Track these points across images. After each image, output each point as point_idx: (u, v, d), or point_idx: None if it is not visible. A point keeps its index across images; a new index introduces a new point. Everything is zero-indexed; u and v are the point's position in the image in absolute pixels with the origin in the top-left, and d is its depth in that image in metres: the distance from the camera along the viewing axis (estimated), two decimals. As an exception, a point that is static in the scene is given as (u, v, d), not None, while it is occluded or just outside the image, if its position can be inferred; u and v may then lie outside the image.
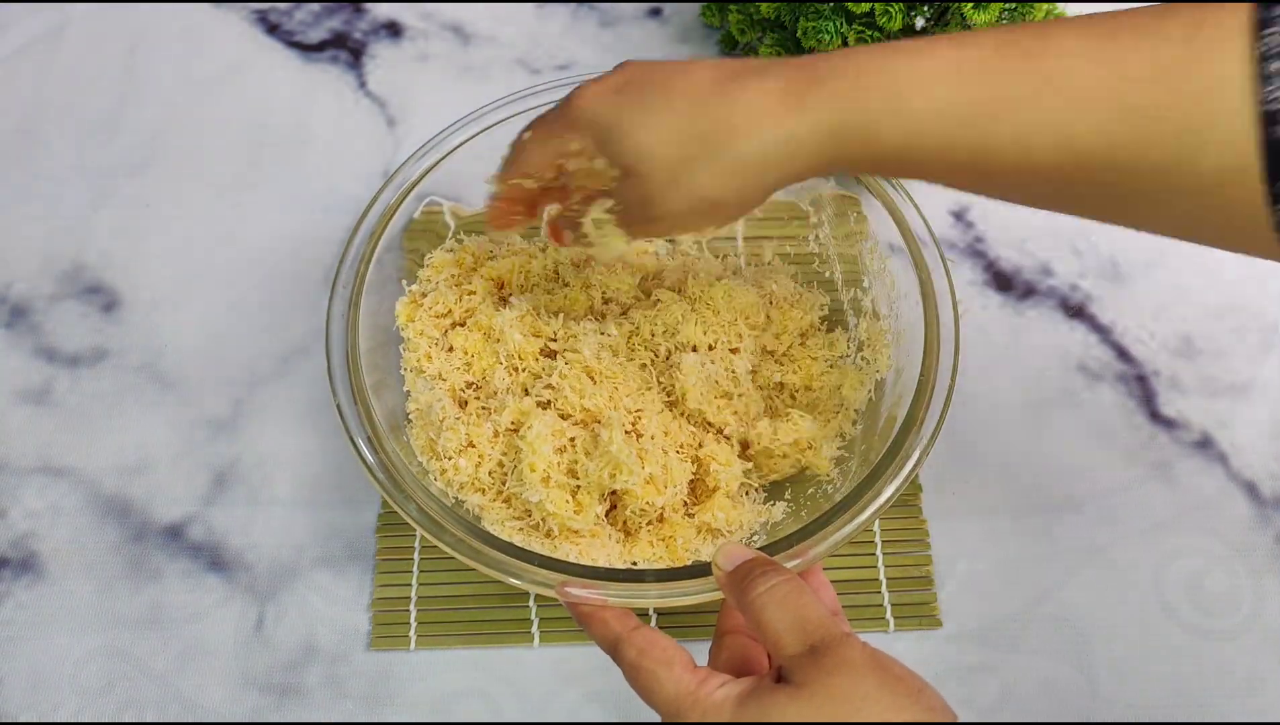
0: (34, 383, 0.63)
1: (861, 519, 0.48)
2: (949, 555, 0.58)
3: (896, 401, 0.54)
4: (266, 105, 0.75)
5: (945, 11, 0.62)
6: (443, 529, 0.48)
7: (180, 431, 0.61)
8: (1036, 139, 0.36)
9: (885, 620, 0.56)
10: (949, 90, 0.37)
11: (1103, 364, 0.64)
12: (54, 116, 0.74)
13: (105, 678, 0.54)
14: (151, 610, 0.56)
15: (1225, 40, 0.33)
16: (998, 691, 0.54)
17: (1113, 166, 0.36)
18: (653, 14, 0.79)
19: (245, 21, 0.79)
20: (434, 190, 0.59)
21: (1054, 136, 0.36)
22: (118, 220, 0.69)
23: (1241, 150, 0.33)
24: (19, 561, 0.58)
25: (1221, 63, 0.33)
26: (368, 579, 0.57)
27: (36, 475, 0.60)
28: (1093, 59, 0.35)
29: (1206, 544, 0.58)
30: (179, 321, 0.65)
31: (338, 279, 0.54)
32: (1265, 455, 0.61)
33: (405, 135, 0.73)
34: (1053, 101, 0.35)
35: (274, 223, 0.69)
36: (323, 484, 0.60)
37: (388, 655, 0.55)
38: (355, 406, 0.51)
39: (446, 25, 0.79)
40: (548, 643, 0.55)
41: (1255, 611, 0.56)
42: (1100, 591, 0.57)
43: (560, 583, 0.45)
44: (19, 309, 0.66)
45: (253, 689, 0.54)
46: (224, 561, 0.58)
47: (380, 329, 0.57)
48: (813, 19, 0.62)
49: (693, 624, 0.56)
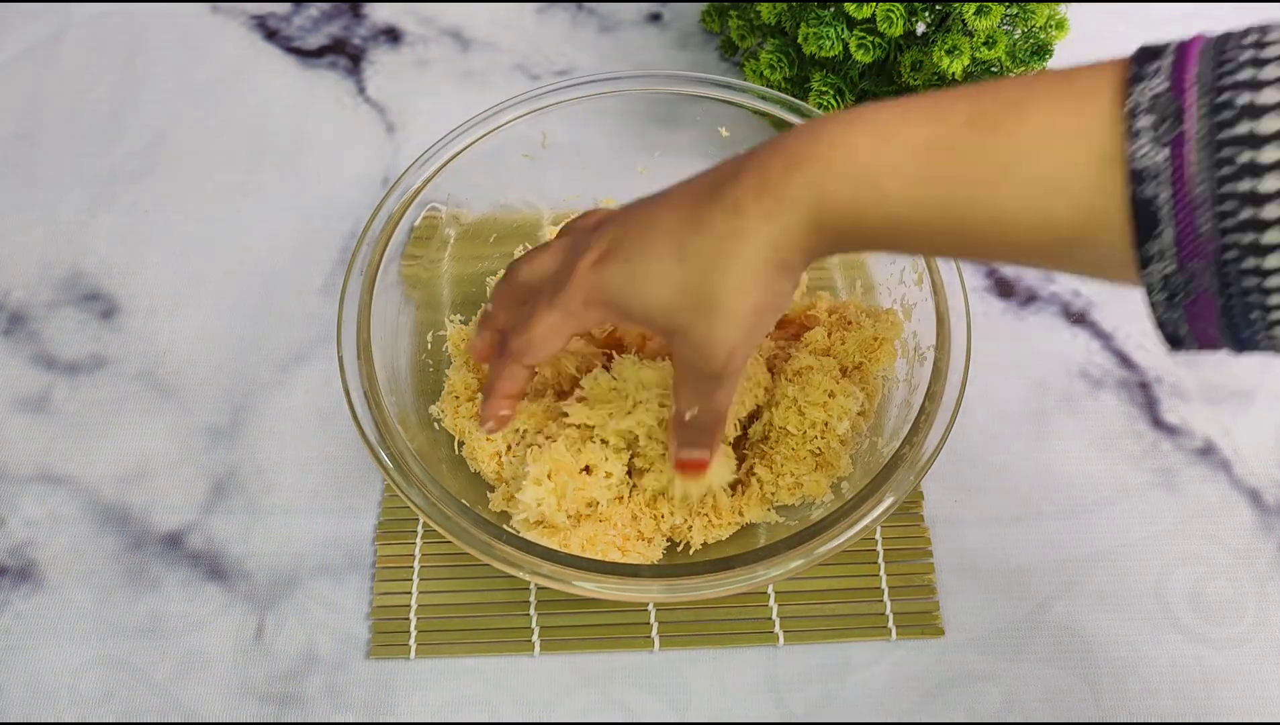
0: (32, 390, 0.63)
1: (861, 527, 0.48)
2: (951, 563, 0.57)
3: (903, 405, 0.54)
4: (265, 111, 0.74)
5: (946, 17, 0.62)
6: (446, 517, 0.48)
7: (179, 439, 0.61)
8: (1008, 212, 0.34)
9: (887, 629, 0.55)
10: (924, 170, 0.35)
11: (1105, 371, 0.64)
12: (52, 122, 0.74)
13: (104, 687, 0.54)
14: (150, 619, 0.56)
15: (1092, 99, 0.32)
16: (1000, 700, 0.54)
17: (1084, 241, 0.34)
18: (652, 19, 0.79)
19: (244, 27, 0.79)
20: (434, 196, 0.58)
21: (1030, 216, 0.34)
22: (116, 227, 0.69)
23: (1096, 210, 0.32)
24: (17, 570, 0.57)
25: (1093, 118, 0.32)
26: (367, 587, 0.57)
27: (35, 484, 0.60)
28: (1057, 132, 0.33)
29: (1209, 552, 0.58)
30: (178, 329, 0.65)
31: (346, 285, 0.54)
32: (1268, 462, 0.60)
33: (404, 141, 0.73)
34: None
35: (273, 229, 0.69)
36: (322, 492, 0.60)
37: (387, 664, 0.55)
38: (369, 409, 0.51)
39: (446, 31, 0.79)
40: (548, 651, 0.55)
41: (1259, 619, 0.56)
42: (1103, 599, 0.56)
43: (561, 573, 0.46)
44: (17, 316, 0.66)
45: (252, 698, 0.54)
46: (223, 570, 0.57)
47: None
48: (813, 24, 0.62)
49: (693, 622, 0.55)
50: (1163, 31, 0.75)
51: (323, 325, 0.65)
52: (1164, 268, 0.31)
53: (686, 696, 0.54)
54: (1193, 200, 0.30)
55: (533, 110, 0.59)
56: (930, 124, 0.35)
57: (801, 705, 0.54)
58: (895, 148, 0.35)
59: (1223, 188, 0.30)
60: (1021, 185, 0.33)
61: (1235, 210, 0.30)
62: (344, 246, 0.68)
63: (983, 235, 0.34)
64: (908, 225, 0.36)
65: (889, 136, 0.35)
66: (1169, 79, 0.31)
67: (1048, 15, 0.62)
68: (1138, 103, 0.31)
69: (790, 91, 0.67)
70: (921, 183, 0.35)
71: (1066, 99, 0.33)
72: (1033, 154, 0.33)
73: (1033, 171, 0.33)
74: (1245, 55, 0.30)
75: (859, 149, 0.36)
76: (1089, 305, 0.66)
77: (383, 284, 0.55)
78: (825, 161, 0.36)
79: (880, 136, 0.35)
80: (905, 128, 0.35)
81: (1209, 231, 0.30)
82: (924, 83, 0.63)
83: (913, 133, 0.35)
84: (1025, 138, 0.33)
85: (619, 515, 0.53)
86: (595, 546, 0.52)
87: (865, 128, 0.36)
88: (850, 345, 0.56)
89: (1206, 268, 0.31)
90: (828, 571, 0.57)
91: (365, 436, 0.50)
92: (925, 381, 0.52)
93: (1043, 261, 0.35)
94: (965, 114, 0.34)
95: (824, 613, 0.56)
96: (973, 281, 0.67)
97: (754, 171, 0.38)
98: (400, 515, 0.59)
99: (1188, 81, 0.30)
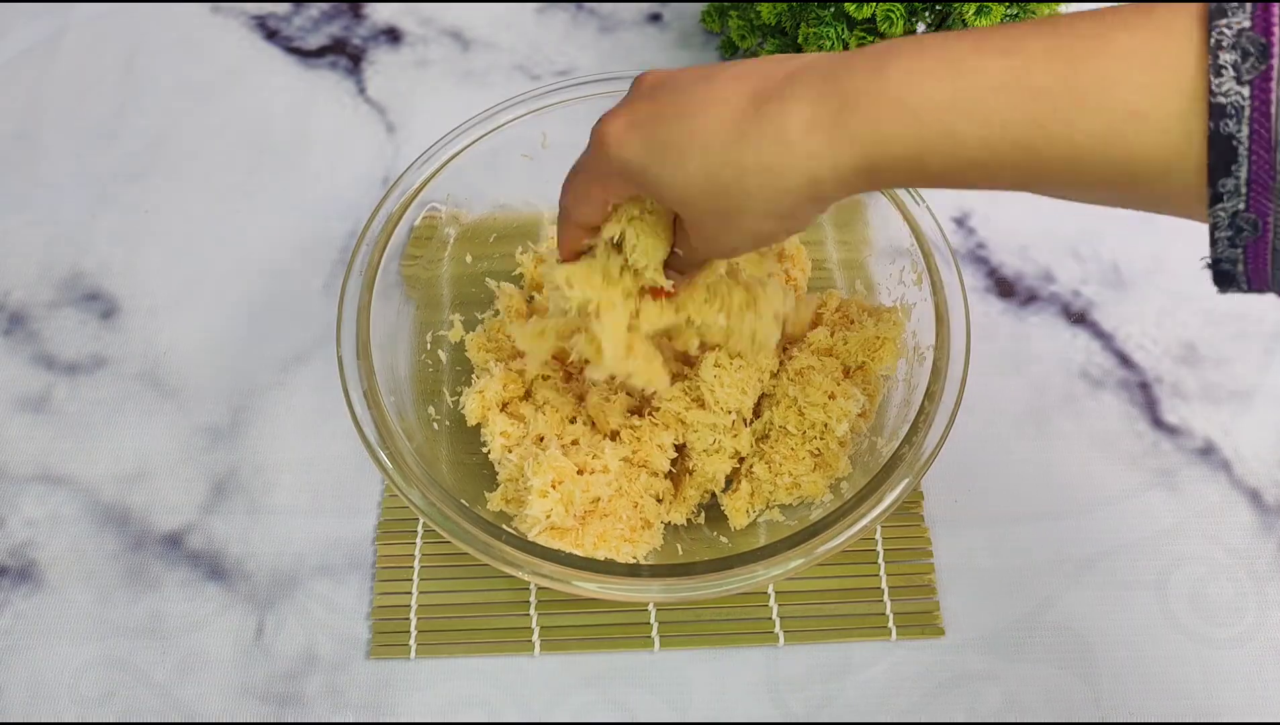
0: (32, 390, 0.63)
1: (861, 526, 0.48)
2: (951, 563, 0.57)
3: (903, 405, 0.54)
4: (266, 111, 0.74)
5: (946, 16, 0.62)
6: (446, 517, 0.48)
7: (179, 439, 0.61)
8: (1084, 147, 0.33)
9: (888, 629, 0.55)
10: (999, 111, 0.34)
11: (1105, 371, 0.64)
12: (53, 122, 0.74)
13: (104, 687, 0.54)
14: (151, 619, 0.56)
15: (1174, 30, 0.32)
16: (1000, 700, 0.54)
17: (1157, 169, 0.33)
18: (652, 19, 0.79)
19: (244, 27, 0.79)
20: (433, 196, 0.58)
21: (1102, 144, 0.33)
22: (116, 227, 0.69)
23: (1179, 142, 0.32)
24: (17, 570, 0.57)
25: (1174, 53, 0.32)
26: (367, 588, 0.57)
27: (35, 484, 0.60)
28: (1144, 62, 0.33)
29: (1209, 552, 0.58)
30: (178, 329, 0.65)
31: (346, 286, 0.54)
32: (1268, 462, 0.60)
33: (405, 141, 0.73)
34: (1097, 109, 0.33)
35: (273, 229, 0.69)
36: (322, 492, 0.60)
37: (388, 664, 0.55)
38: (368, 409, 0.51)
39: (446, 31, 0.79)
40: (548, 651, 0.55)
41: (1259, 619, 0.56)
42: (1103, 599, 0.56)
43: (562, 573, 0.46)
44: (17, 316, 0.66)
45: (252, 698, 0.54)
46: (223, 570, 0.57)
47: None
48: (814, 24, 0.62)
49: (693, 622, 0.55)
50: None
51: (323, 325, 0.65)
52: (1234, 205, 0.31)
53: (686, 696, 0.54)
54: (1273, 139, 0.30)
55: (533, 110, 0.59)
56: (1006, 57, 0.34)
57: (801, 705, 0.54)
58: (967, 86, 0.34)
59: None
60: (1099, 117, 0.32)
61: None
62: (344, 246, 0.68)
63: (1055, 171, 0.34)
64: (977, 165, 0.35)
65: (962, 73, 0.34)
66: (1252, 16, 0.31)
67: (1047, 15, 0.62)
68: (1222, 35, 0.31)
69: (790, 91, 0.67)
70: (997, 123, 0.34)
71: (1146, 31, 0.32)
72: (1111, 85, 0.32)
73: (1111, 103, 0.32)
74: None
75: (927, 89, 0.34)
76: (1089, 305, 0.66)
77: (382, 284, 0.55)
78: (889, 102, 0.35)
79: (951, 74, 0.34)
80: (980, 61, 0.34)
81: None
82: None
83: (988, 66, 0.34)
84: (1104, 69, 0.32)
85: (621, 507, 0.53)
86: (607, 542, 0.52)
87: (934, 66, 0.34)
88: (853, 344, 0.56)
89: (1276, 205, 0.31)
90: (828, 571, 0.57)
91: (365, 436, 0.50)
92: (925, 381, 0.52)
93: (1108, 197, 0.35)
94: (1042, 47, 0.33)
95: (824, 613, 0.56)
96: (972, 281, 0.67)
97: (806, 101, 0.36)
98: (400, 515, 0.59)
99: (1274, 19, 0.30)
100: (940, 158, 0.35)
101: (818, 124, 0.36)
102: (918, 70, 0.34)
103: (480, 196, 0.62)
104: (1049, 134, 0.33)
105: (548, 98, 0.60)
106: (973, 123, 0.34)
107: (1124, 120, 0.32)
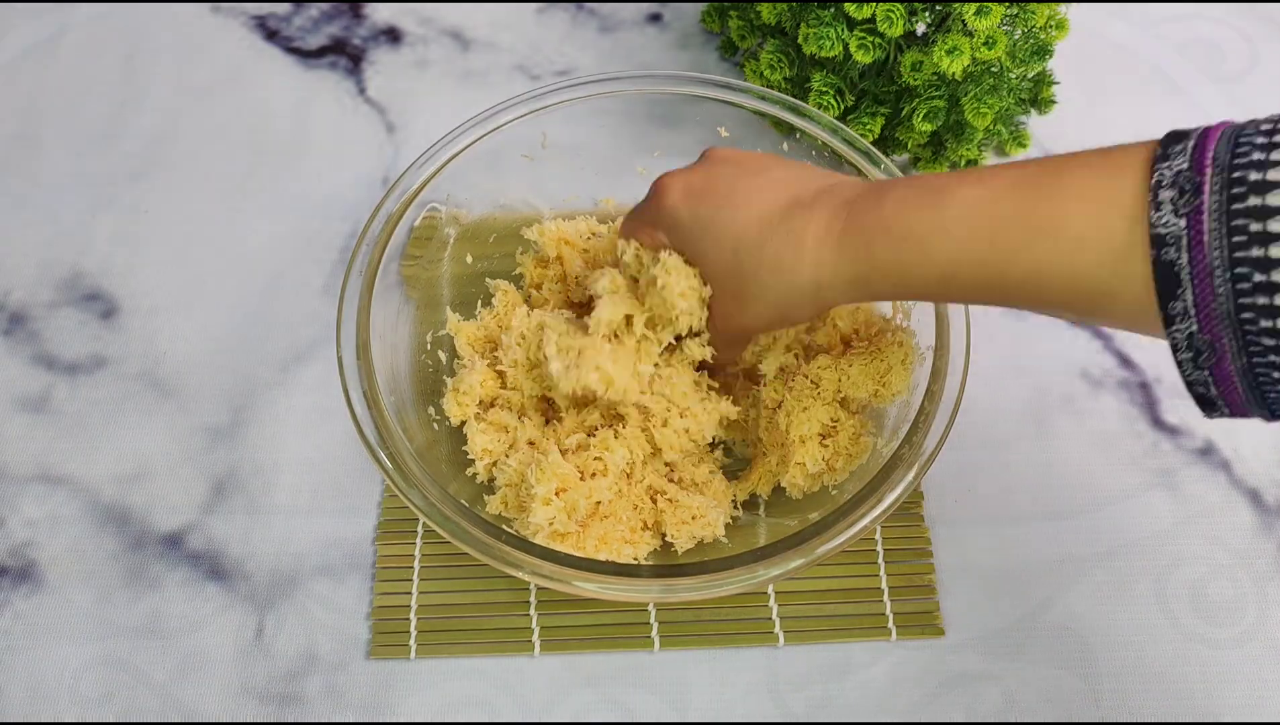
0: (32, 390, 0.63)
1: (861, 526, 0.48)
2: (951, 563, 0.57)
3: (903, 405, 0.54)
4: (265, 111, 0.74)
5: (946, 17, 0.62)
6: (445, 517, 0.48)
7: (179, 439, 0.61)
8: (1039, 268, 0.37)
9: (888, 629, 0.55)
10: (970, 232, 0.39)
11: (1105, 371, 0.64)
12: (52, 123, 0.74)
13: (104, 687, 0.54)
14: (151, 619, 0.56)
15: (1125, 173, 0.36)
16: (1000, 700, 0.54)
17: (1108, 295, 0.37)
18: (653, 19, 0.79)
19: (244, 27, 0.79)
20: (433, 196, 0.58)
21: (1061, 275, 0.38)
22: (116, 227, 0.69)
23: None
24: (17, 570, 0.57)
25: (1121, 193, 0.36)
26: (367, 588, 0.57)
27: (35, 484, 0.60)
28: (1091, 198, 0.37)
29: (1209, 552, 0.58)
30: (178, 329, 0.65)
31: (346, 286, 0.54)
32: (1268, 463, 0.60)
33: (405, 141, 0.73)
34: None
35: (273, 229, 0.69)
36: (322, 492, 0.60)
37: (388, 664, 0.55)
38: (368, 409, 0.51)
39: (446, 31, 0.79)
40: (548, 651, 0.55)
41: (1259, 620, 0.56)
42: (1103, 600, 0.56)
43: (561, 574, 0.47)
44: (17, 316, 0.66)
45: (252, 698, 0.54)
46: (223, 570, 0.57)
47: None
48: (814, 25, 0.62)
49: (693, 622, 0.55)
50: (1161, 31, 0.76)
51: (323, 325, 0.65)
52: (1187, 327, 0.34)
53: (686, 696, 0.54)
54: (1209, 265, 0.33)
55: (533, 110, 0.59)
56: (978, 186, 0.39)
57: (801, 705, 0.54)
58: (942, 213, 0.39)
59: (1236, 254, 0.33)
60: (1052, 242, 0.37)
61: (1248, 274, 0.32)
62: (344, 246, 0.68)
63: (1021, 288, 0.38)
64: (949, 280, 0.40)
65: (940, 203, 0.39)
66: (1190, 159, 0.34)
67: (1048, 15, 0.62)
68: (1162, 177, 0.34)
69: (790, 92, 0.67)
70: (964, 243, 0.39)
71: (1101, 170, 0.36)
72: (1067, 215, 0.36)
73: (1067, 230, 0.36)
74: (1259, 139, 0.33)
75: (910, 218, 0.40)
76: (1089, 305, 0.66)
77: (382, 284, 0.55)
78: (880, 229, 0.41)
79: (932, 203, 0.40)
80: (958, 191, 0.39)
81: (1225, 293, 0.33)
82: (924, 83, 0.63)
83: (964, 196, 0.39)
84: (1062, 200, 0.37)
85: (622, 509, 0.53)
86: (609, 544, 0.52)
87: (920, 196, 0.40)
88: (856, 371, 0.54)
89: (1226, 329, 0.34)
90: (828, 571, 0.57)
91: (364, 436, 0.50)
92: (925, 381, 0.52)
93: (1076, 314, 0.39)
94: (1010, 180, 0.38)
95: (824, 613, 0.56)
96: (973, 281, 0.67)
97: (823, 216, 0.43)
98: (400, 515, 0.59)
99: (1206, 161, 0.34)
100: (919, 272, 0.40)
101: (827, 238, 0.42)
102: (907, 201, 0.41)
103: (480, 196, 0.62)
104: (1009, 255, 0.38)
105: (548, 98, 0.60)
106: (946, 242, 0.39)
107: (1073, 246, 0.36)
